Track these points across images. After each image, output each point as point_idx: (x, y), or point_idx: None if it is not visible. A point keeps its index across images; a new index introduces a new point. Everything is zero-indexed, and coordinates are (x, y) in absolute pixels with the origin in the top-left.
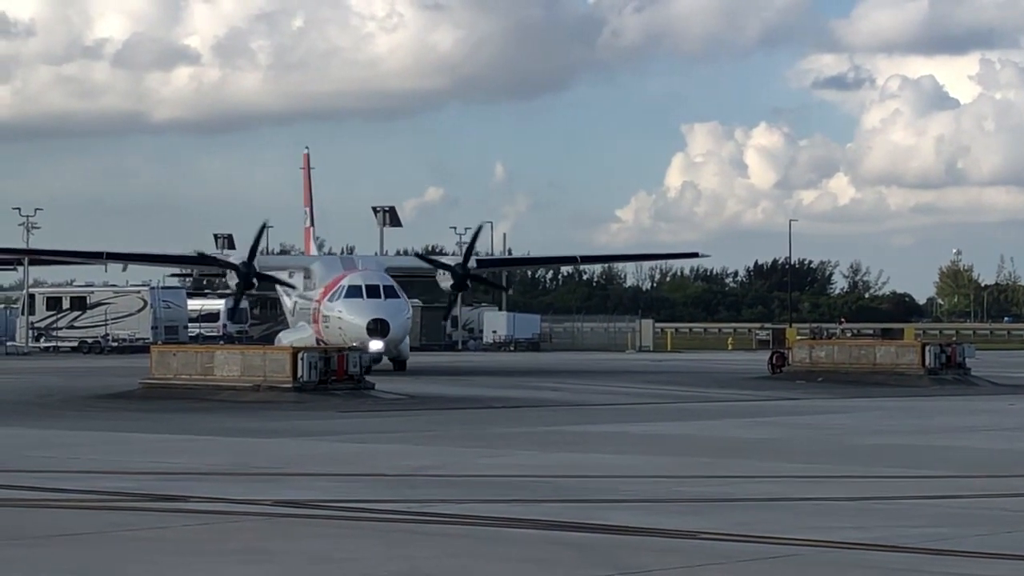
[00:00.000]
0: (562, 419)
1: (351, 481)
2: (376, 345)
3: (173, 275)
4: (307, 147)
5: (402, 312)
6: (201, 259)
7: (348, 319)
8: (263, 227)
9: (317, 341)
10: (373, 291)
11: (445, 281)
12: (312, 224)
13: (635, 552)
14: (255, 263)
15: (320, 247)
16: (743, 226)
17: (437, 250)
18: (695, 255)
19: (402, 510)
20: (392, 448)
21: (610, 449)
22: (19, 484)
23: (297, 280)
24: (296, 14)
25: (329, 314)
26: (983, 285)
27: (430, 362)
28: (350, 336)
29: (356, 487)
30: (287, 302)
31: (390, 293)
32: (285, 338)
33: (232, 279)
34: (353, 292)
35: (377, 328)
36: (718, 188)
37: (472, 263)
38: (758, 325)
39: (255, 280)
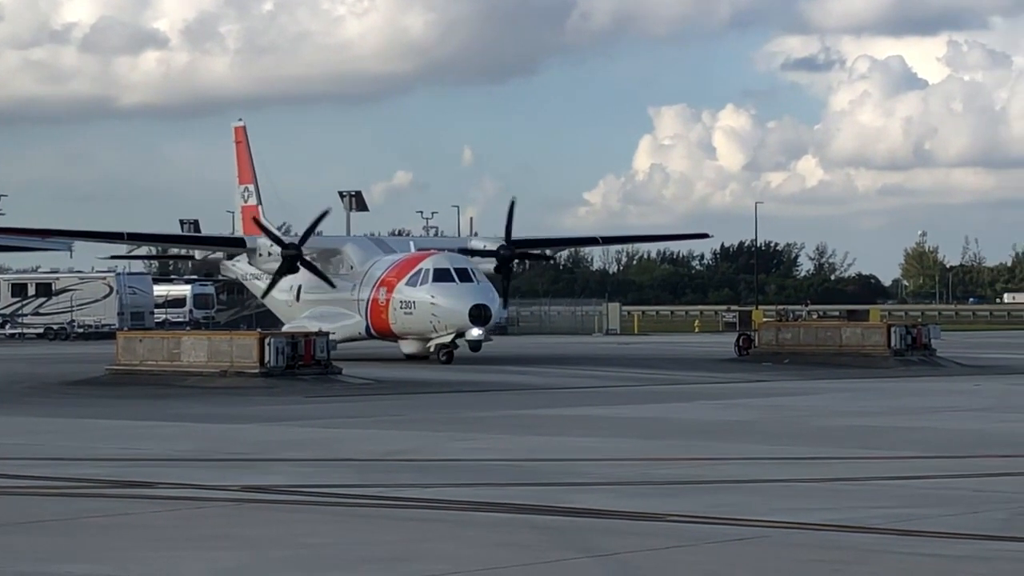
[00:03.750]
0: (531, 402)
1: (320, 466)
2: (476, 332)
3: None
4: (240, 119)
5: (496, 296)
6: (229, 240)
7: (445, 305)
8: (324, 212)
9: (369, 328)
10: (463, 275)
11: (484, 265)
12: (260, 203)
13: (605, 535)
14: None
15: (286, 231)
16: (711, 209)
17: (404, 234)
18: (705, 236)
19: (372, 495)
20: (361, 433)
21: (579, 432)
22: None
23: (272, 262)
24: None
25: (414, 299)
26: (948, 266)
27: (386, 349)
28: (447, 323)
29: (325, 472)
30: (276, 285)
31: (479, 277)
32: (314, 327)
33: (274, 261)
34: (442, 276)
35: (480, 314)
36: (686, 171)
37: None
38: (725, 307)
39: (299, 264)
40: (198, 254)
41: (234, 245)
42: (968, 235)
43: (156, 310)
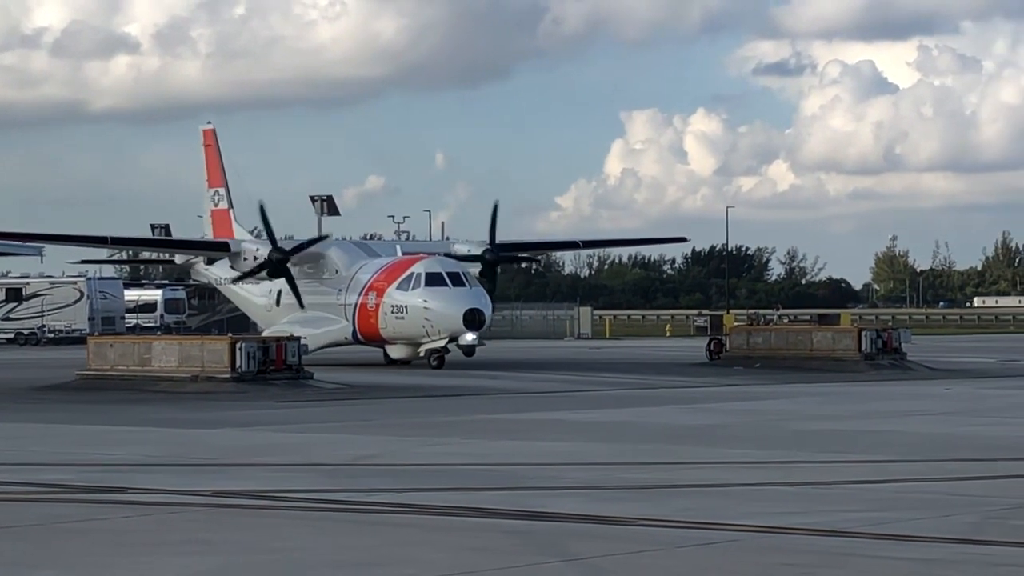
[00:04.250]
0: (502, 407)
1: (291, 471)
2: (470, 336)
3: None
4: (209, 121)
5: (488, 301)
6: (213, 244)
7: (439, 309)
8: (320, 238)
9: (356, 333)
10: (455, 279)
11: (469, 269)
12: (231, 207)
13: (577, 539)
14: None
15: (257, 235)
16: (683, 213)
17: (376, 239)
18: (683, 240)
19: (343, 499)
20: (332, 438)
21: (551, 437)
22: None
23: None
24: (238, 2)
25: (406, 303)
26: (918, 270)
27: (366, 354)
28: (440, 327)
29: (296, 477)
30: (255, 291)
31: (471, 281)
32: (297, 332)
33: (258, 267)
34: (435, 280)
35: (474, 319)
36: (658, 175)
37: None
38: (696, 311)
39: (287, 267)
40: (178, 258)
41: (218, 249)
42: (938, 239)
43: (127, 315)
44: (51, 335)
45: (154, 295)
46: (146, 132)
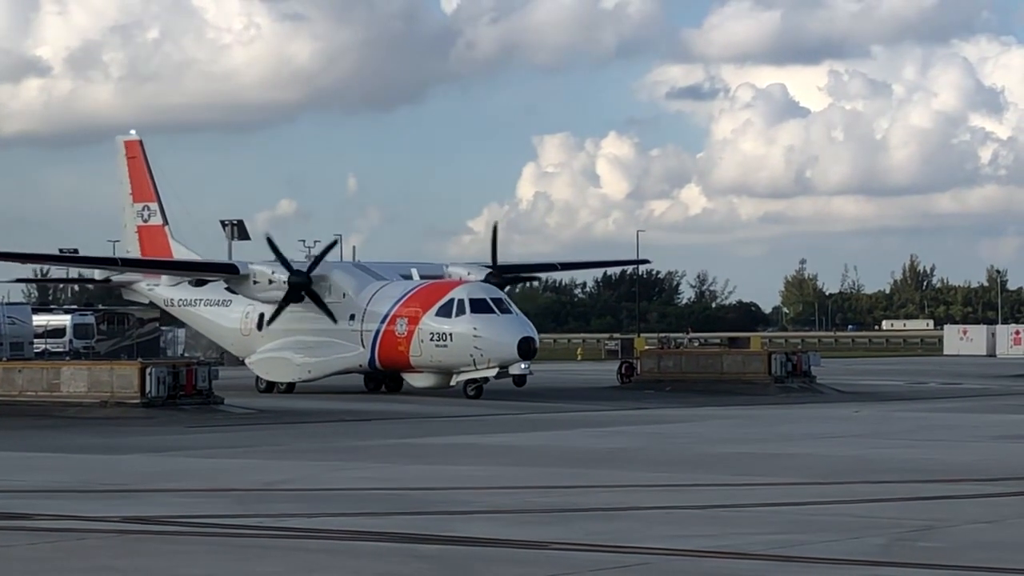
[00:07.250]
0: (413, 431)
1: (201, 496)
2: (523, 365)
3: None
4: (133, 131)
5: (535, 328)
6: (219, 266)
7: (491, 337)
8: (332, 243)
9: (374, 360)
10: (500, 305)
11: None
12: (166, 223)
13: (488, 564)
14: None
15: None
16: (595, 237)
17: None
18: (646, 261)
19: (254, 525)
20: (243, 463)
21: (462, 461)
22: None
23: (274, 291)
24: (151, 26)
25: (451, 331)
26: (827, 294)
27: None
28: (491, 356)
29: (207, 503)
30: (224, 313)
31: (514, 307)
32: (299, 359)
33: (277, 290)
34: (481, 307)
35: (528, 347)
36: (570, 199)
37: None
38: (607, 335)
39: (304, 293)
40: (115, 278)
41: (224, 271)
42: (847, 262)
43: (35, 340)
44: None
45: (63, 320)
46: (56, 156)
